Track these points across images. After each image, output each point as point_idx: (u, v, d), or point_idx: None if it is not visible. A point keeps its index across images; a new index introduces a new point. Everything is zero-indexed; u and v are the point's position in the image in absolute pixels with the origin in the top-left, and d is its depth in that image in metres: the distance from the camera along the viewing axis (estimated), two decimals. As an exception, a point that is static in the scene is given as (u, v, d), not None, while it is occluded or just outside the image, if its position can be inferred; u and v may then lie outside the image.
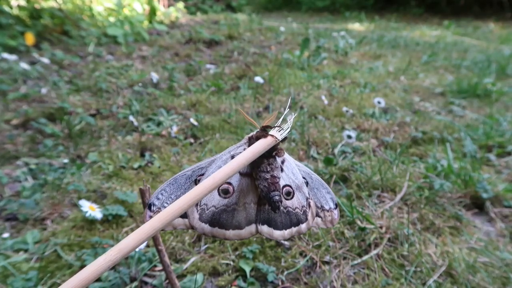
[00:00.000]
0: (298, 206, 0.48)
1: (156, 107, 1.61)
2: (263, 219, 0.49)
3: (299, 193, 0.48)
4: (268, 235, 0.49)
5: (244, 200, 0.48)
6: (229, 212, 0.48)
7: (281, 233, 0.48)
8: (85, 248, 0.80)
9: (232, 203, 0.48)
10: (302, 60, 2.49)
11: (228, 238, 0.48)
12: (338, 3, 8.38)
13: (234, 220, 0.48)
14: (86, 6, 3.40)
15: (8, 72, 1.91)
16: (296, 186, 0.48)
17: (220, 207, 0.47)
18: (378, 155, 1.29)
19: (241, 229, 0.48)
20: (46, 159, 1.17)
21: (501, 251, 0.84)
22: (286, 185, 0.48)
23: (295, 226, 0.49)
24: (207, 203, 0.48)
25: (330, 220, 0.51)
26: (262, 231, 0.49)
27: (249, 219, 0.49)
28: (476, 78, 2.28)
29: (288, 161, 0.49)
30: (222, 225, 0.48)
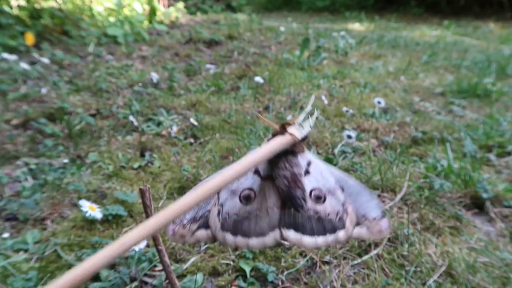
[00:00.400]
0: (331, 211, 0.43)
1: (156, 107, 1.61)
2: (288, 223, 0.44)
3: (331, 198, 0.44)
4: (297, 242, 0.44)
5: (266, 204, 0.44)
6: (251, 219, 0.44)
7: (313, 240, 0.43)
8: (85, 248, 0.80)
9: (254, 209, 0.44)
10: (302, 60, 2.49)
11: (252, 247, 0.45)
12: (338, 3, 8.38)
13: (257, 227, 0.44)
14: (86, 6, 3.40)
15: (8, 72, 1.91)
16: (327, 189, 0.44)
17: (242, 214, 0.44)
18: (378, 155, 1.29)
19: (265, 235, 0.44)
20: (46, 159, 1.17)
21: (501, 251, 0.84)
22: (315, 188, 0.43)
23: (331, 233, 0.43)
24: (228, 211, 0.45)
25: (378, 230, 0.44)
26: (288, 236, 0.44)
27: (272, 225, 0.45)
28: (476, 78, 2.28)
29: (315, 163, 0.44)
30: (245, 233, 0.44)
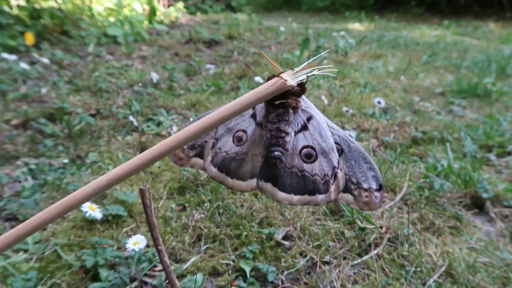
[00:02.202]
0: (318, 173, 0.42)
1: (156, 107, 1.61)
2: (267, 175, 0.44)
3: (323, 159, 0.42)
4: (270, 195, 0.44)
5: (253, 151, 0.44)
6: (238, 161, 0.45)
7: (288, 196, 0.43)
8: (85, 248, 0.80)
9: (242, 152, 0.45)
10: (302, 60, 2.49)
11: (230, 187, 0.46)
12: (338, 3, 8.38)
13: (240, 171, 0.45)
14: (86, 6, 3.40)
15: (8, 72, 1.91)
16: (321, 149, 0.42)
17: (231, 153, 0.45)
18: (378, 155, 1.29)
19: (244, 181, 0.45)
20: (46, 159, 1.17)
21: (501, 251, 0.84)
22: (307, 146, 0.42)
23: (310, 194, 0.43)
24: (221, 147, 0.46)
25: (367, 202, 0.43)
26: (263, 187, 0.44)
27: (253, 173, 0.45)
28: (476, 78, 2.28)
29: (316, 119, 0.43)
30: (229, 173, 0.45)
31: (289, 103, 0.41)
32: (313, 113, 0.43)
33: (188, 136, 0.35)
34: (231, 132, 0.46)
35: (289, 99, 0.40)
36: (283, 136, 0.41)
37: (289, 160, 0.43)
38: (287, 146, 0.42)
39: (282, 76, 0.36)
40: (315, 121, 0.43)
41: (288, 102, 0.40)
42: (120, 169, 0.35)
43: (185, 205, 0.97)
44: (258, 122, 0.44)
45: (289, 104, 0.41)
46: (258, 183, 0.45)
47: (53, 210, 0.35)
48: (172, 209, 0.93)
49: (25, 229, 0.34)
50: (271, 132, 0.41)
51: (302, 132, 0.43)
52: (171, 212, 0.93)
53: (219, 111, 0.36)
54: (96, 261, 0.72)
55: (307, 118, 0.43)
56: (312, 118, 0.43)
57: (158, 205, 0.97)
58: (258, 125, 0.44)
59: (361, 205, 0.44)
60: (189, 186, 1.05)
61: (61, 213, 0.35)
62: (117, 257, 0.75)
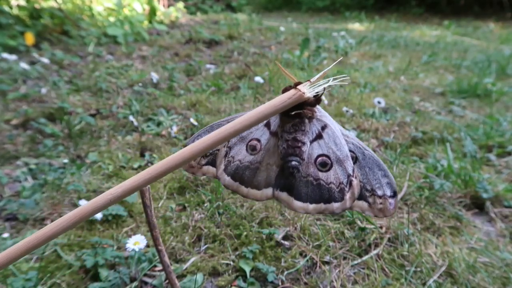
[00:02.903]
0: (334, 181, 0.43)
1: (156, 107, 1.61)
2: (283, 184, 0.44)
3: (338, 167, 0.43)
4: (287, 204, 0.44)
5: (268, 160, 0.45)
6: (252, 170, 0.45)
7: (304, 205, 0.44)
8: (85, 248, 0.80)
9: (257, 161, 0.45)
10: (302, 60, 2.49)
11: (244, 196, 0.46)
12: (338, 3, 8.38)
13: (255, 180, 0.45)
14: (86, 6, 3.40)
15: (8, 72, 1.91)
16: (336, 158, 0.43)
17: (244, 162, 0.45)
18: (378, 155, 1.29)
19: (259, 190, 0.45)
20: (46, 159, 1.17)
21: (501, 251, 0.84)
22: (322, 155, 0.43)
23: (326, 203, 0.43)
24: (234, 155, 0.46)
25: (381, 209, 0.44)
26: (279, 197, 0.45)
27: (268, 182, 0.45)
28: (476, 78, 2.28)
29: (331, 128, 0.43)
30: (243, 181, 0.46)
31: (305, 114, 0.41)
32: (327, 122, 0.43)
33: (203, 148, 0.35)
34: (244, 141, 0.46)
35: (305, 110, 0.41)
36: (299, 146, 0.41)
37: (305, 169, 0.43)
38: (303, 155, 0.42)
39: (300, 88, 0.36)
40: (329, 129, 0.43)
41: (304, 112, 0.41)
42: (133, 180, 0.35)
43: (185, 205, 0.97)
44: (272, 131, 0.44)
45: (305, 115, 0.41)
46: (274, 193, 0.45)
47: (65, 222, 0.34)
48: (172, 209, 0.93)
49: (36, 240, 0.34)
50: (287, 142, 0.42)
51: (317, 141, 0.43)
52: (171, 212, 0.93)
53: (235, 123, 0.35)
54: (96, 261, 0.72)
55: (321, 127, 0.43)
56: (327, 127, 0.43)
57: (158, 205, 0.97)
58: (273, 135, 0.44)
59: (376, 212, 0.44)
60: (189, 186, 1.05)
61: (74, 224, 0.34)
62: (117, 257, 0.75)
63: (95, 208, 0.34)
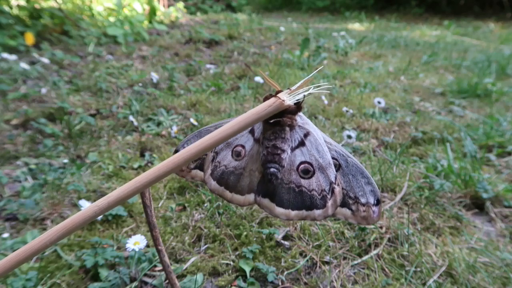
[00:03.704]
0: (316, 188, 0.43)
1: (156, 107, 1.61)
2: (265, 191, 0.45)
3: (320, 175, 0.43)
4: (268, 210, 0.45)
5: (251, 166, 0.45)
6: (236, 175, 0.46)
7: (286, 212, 0.44)
8: (85, 248, 0.80)
9: (241, 167, 0.46)
10: (302, 60, 2.49)
11: (228, 200, 0.47)
12: (338, 3, 8.38)
13: (239, 185, 0.46)
14: (86, 6, 3.40)
15: (8, 72, 1.91)
16: (318, 165, 0.43)
17: (230, 168, 0.46)
18: (378, 155, 1.29)
19: (242, 195, 0.46)
20: (46, 159, 1.17)
21: (501, 251, 0.84)
22: (304, 162, 0.43)
23: (308, 210, 0.43)
24: (220, 161, 0.47)
25: (364, 216, 0.44)
26: (261, 203, 0.45)
27: (251, 188, 0.46)
28: (476, 78, 2.28)
29: (313, 135, 0.43)
30: (227, 186, 0.46)
31: (284, 122, 0.41)
32: (310, 129, 0.43)
33: (189, 156, 0.36)
34: (230, 147, 0.47)
35: (285, 118, 0.41)
36: (279, 153, 0.42)
37: (287, 176, 0.44)
38: (283, 163, 0.42)
39: (280, 96, 0.37)
40: (312, 137, 0.43)
41: (283, 120, 0.41)
42: (120, 191, 0.35)
43: (185, 205, 0.97)
44: (256, 138, 0.45)
45: (284, 122, 0.41)
46: (256, 199, 0.46)
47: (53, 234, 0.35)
48: (172, 209, 0.93)
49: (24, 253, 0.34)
50: (267, 149, 0.42)
51: (299, 148, 0.43)
52: (171, 212, 0.93)
53: (219, 131, 0.36)
54: (96, 261, 0.72)
55: (304, 134, 0.43)
56: (309, 134, 0.43)
57: (158, 205, 0.97)
58: (256, 141, 0.45)
59: (359, 219, 0.44)
60: (189, 186, 1.05)
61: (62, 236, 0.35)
62: (117, 257, 0.75)
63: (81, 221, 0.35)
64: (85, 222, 0.35)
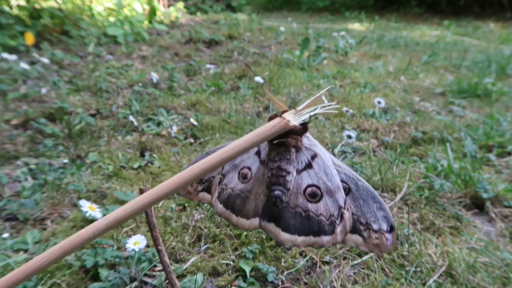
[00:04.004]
0: (324, 213, 0.41)
1: (156, 107, 1.61)
2: (270, 215, 0.43)
3: (329, 199, 0.41)
4: (273, 235, 0.43)
5: (257, 189, 0.44)
6: (242, 198, 0.44)
7: (292, 237, 0.42)
8: (85, 248, 0.80)
9: (247, 190, 0.44)
10: (302, 60, 2.49)
11: (234, 224, 0.46)
12: (338, 3, 8.38)
13: (244, 209, 0.45)
14: (86, 6, 3.40)
15: (8, 72, 1.91)
16: (326, 189, 0.41)
17: (236, 190, 0.45)
18: (378, 155, 1.29)
19: (248, 219, 0.45)
20: (46, 159, 1.17)
21: (501, 251, 0.84)
22: (312, 185, 0.41)
23: (315, 236, 0.41)
24: (227, 183, 0.45)
25: (377, 244, 0.41)
26: (266, 228, 0.44)
27: (256, 211, 0.44)
28: (476, 78, 2.28)
29: (321, 157, 0.42)
30: (233, 210, 0.45)
31: (289, 142, 0.40)
32: (317, 151, 0.42)
33: (193, 176, 0.35)
34: (237, 169, 0.45)
35: (289, 138, 0.40)
36: (284, 175, 0.40)
37: (293, 200, 0.42)
38: (288, 185, 0.41)
39: (285, 117, 0.36)
40: (319, 159, 0.41)
41: (287, 141, 0.40)
42: (119, 212, 0.34)
43: (185, 205, 0.97)
44: (262, 160, 0.43)
45: (289, 143, 0.40)
46: (261, 223, 0.44)
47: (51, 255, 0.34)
48: (172, 209, 0.93)
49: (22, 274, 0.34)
50: (271, 171, 0.41)
51: (306, 171, 0.41)
52: (171, 212, 0.93)
53: (223, 151, 0.35)
54: (96, 261, 0.72)
55: (311, 156, 0.41)
56: (317, 156, 0.42)
57: (158, 205, 0.97)
58: (262, 163, 0.43)
59: (371, 247, 0.42)
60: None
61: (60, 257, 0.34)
62: (117, 257, 0.75)
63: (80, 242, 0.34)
64: (83, 243, 0.34)
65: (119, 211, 0.35)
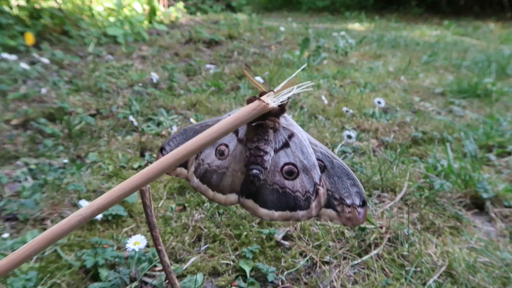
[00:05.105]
0: (300, 189, 0.43)
1: (156, 107, 1.61)
2: (248, 192, 0.45)
3: (305, 176, 0.43)
4: (252, 211, 0.45)
5: (234, 166, 0.46)
6: (219, 174, 0.46)
7: (269, 212, 0.44)
8: (85, 248, 0.80)
9: (224, 166, 0.46)
10: (302, 60, 2.49)
11: (210, 199, 0.47)
12: (338, 3, 8.38)
13: (221, 184, 0.46)
14: (86, 6, 3.40)
15: (8, 72, 1.91)
16: (302, 167, 0.43)
17: (213, 166, 0.46)
18: (378, 155, 1.29)
19: (223, 194, 0.47)
20: (46, 159, 1.17)
21: (501, 251, 0.84)
22: (289, 163, 0.43)
23: (291, 210, 0.44)
24: (204, 158, 0.46)
25: (350, 217, 0.44)
26: (245, 204, 0.46)
27: (232, 188, 0.46)
28: (476, 78, 2.28)
29: (298, 137, 0.43)
30: (210, 185, 0.47)
31: (267, 124, 0.41)
32: (294, 131, 0.43)
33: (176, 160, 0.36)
34: (214, 145, 0.46)
35: (268, 120, 0.41)
36: (261, 155, 0.42)
37: (270, 177, 0.43)
38: (265, 164, 0.42)
39: (263, 99, 0.36)
40: (296, 138, 0.43)
41: (266, 122, 0.41)
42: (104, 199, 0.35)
43: (185, 205, 0.97)
44: (239, 138, 0.45)
45: (267, 125, 0.41)
46: (240, 199, 0.46)
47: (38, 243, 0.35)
48: (172, 209, 0.93)
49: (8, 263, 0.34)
50: (250, 151, 0.42)
51: (283, 150, 0.43)
52: (171, 212, 0.93)
53: (203, 135, 0.36)
54: (96, 261, 0.72)
55: (288, 135, 0.43)
56: (294, 135, 0.43)
57: (158, 205, 0.97)
58: (240, 141, 0.45)
59: (344, 220, 0.44)
60: (189, 186, 1.05)
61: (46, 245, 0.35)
62: (117, 257, 0.75)
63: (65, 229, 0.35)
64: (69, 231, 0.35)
65: (102, 198, 0.35)
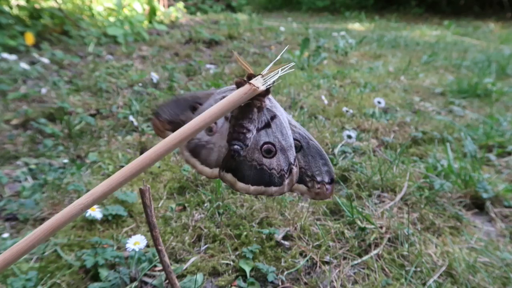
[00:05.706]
0: (275, 167, 0.47)
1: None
2: (229, 166, 0.48)
3: (281, 155, 0.47)
4: (230, 184, 0.48)
5: (220, 143, 0.48)
6: (207, 149, 0.49)
7: (245, 186, 0.48)
8: (85, 248, 0.80)
9: (212, 142, 0.49)
10: (302, 60, 2.49)
11: (198, 171, 0.50)
12: (338, 3, 8.38)
13: (208, 159, 0.49)
14: (86, 6, 3.40)
15: (8, 72, 1.91)
16: (280, 146, 0.46)
17: (202, 141, 0.49)
18: (378, 155, 1.29)
19: (210, 168, 0.49)
20: (46, 159, 1.17)
21: (501, 251, 0.84)
22: (268, 142, 0.46)
23: (266, 186, 0.47)
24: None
25: (318, 192, 0.48)
26: (225, 178, 0.49)
27: (218, 163, 0.49)
28: (476, 78, 2.28)
29: (279, 118, 0.46)
30: (199, 158, 0.49)
31: (254, 104, 0.44)
32: (277, 113, 0.46)
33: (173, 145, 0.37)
34: None
35: (254, 100, 0.43)
36: (244, 132, 0.44)
37: (250, 154, 0.47)
38: (247, 141, 0.45)
39: (253, 83, 0.39)
40: (278, 120, 0.46)
41: (253, 102, 0.44)
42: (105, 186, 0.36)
43: (185, 205, 0.97)
44: (226, 116, 0.47)
45: (254, 105, 0.44)
46: (220, 173, 0.49)
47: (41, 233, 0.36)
48: (172, 209, 0.93)
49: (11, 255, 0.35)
50: (234, 127, 0.45)
51: (265, 129, 0.46)
52: (171, 212, 0.93)
53: (199, 119, 0.38)
54: (96, 261, 0.72)
55: (271, 117, 0.46)
56: (276, 117, 0.46)
57: (158, 205, 0.97)
58: (226, 119, 0.47)
59: (313, 195, 0.48)
60: (189, 186, 1.05)
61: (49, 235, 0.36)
62: (117, 257, 0.75)
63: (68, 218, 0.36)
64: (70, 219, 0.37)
65: (103, 186, 0.36)
